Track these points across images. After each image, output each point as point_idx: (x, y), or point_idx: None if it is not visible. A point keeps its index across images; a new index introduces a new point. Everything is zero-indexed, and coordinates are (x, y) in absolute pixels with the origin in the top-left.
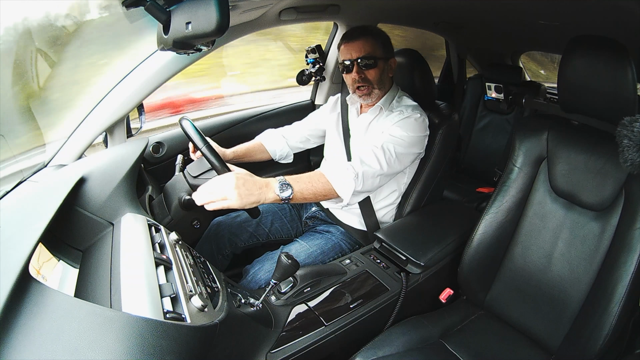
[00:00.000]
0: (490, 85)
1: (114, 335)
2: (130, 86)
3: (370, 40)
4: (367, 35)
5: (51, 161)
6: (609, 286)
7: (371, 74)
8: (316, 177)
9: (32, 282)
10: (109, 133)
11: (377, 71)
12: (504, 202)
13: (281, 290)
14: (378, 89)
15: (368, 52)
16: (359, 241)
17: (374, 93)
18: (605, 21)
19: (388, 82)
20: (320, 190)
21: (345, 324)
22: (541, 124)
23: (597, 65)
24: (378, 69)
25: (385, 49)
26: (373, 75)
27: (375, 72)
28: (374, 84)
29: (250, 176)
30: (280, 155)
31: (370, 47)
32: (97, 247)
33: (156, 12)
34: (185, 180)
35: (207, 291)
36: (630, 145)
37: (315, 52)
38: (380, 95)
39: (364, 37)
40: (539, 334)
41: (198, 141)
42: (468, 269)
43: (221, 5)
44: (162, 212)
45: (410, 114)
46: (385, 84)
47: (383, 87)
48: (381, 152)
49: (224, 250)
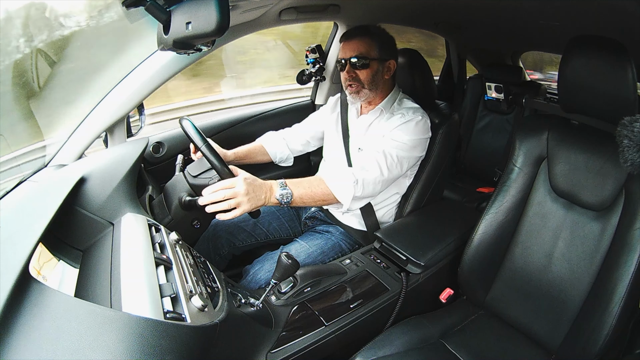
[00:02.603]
0: (490, 85)
1: (114, 335)
2: (130, 86)
3: (366, 41)
4: (364, 36)
5: (51, 161)
6: (609, 286)
7: (362, 74)
8: (316, 182)
9: (32, 282)
10: (109, 133)
11: (369, 72)
12: (504, 202)
13: (281, 290)
14: (369, 89)
15: (361, 53)
16: (359, 241)
17: (363, 92)
18: (605, 21)
19: (384, 83)
20: (320, 196)
21: (345, 324)
22: (541, 124)
23: (597, 65)
24: (370, 69)
25: (383, 51)
26: (364, 75)
27: (367, 73)
28: (364, 84)
29: (255, 180)
30: (281, 158)
31: (364, 48)
32: (97, 247)
33: (156, 12)
34: (185, 180)
35: (207, 291)
36: (631, 145)
37: (316, 52)
38: (374, 96)
39: (360, 37)
40: (539, 334)
41: (198, 141)
42: (468, 269)
43: (221, 5)
44: (162, 212)
45: (412, 117)
46: (378, 85)
47: (375, 88)
48: (382, 158)
49: (221, 251)
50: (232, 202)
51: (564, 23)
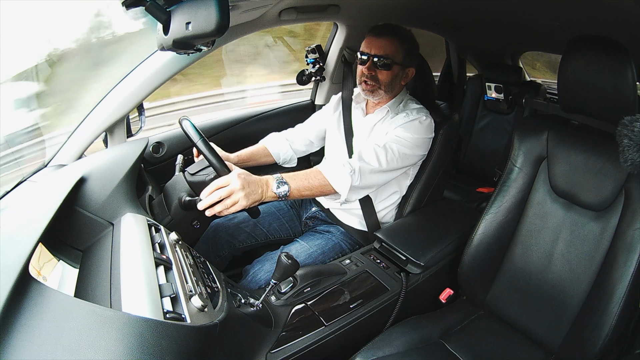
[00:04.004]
0: (490, 85)
1: (114, 335)
2: (130, 86)
3: (395, 42)
4: (394, 37)
5: (51, 161)
6: (609, 286)
7: (382, 75)
8: (313, 173)
9: (32, 282)
10: (109, 133)
11: (389, 74)
12: (504, 202)
13: (281, 290)
14: (384, 91)
15: (387, 53)
16: (359, 241)
17: (379, 93)
18: (605, 21)
19: (399, 88)
20: (317, 186)
21: (345, 324)
22: (541, 124)
23: (597, 65)
24: (392, 72)
25: (407, 57)
26: (384, 76)
27: (388, 75)
28: (381, 85)
29: (249, 175)
30: (284, 159)
31: (391, 49)
32: (97, 247)
33: (156, 12)
34: (185, 180)
35: (207, 291)
36: (631, 145)
37: (315, 52)
38: (385, 97)
39: (390, 36)
40: (539, 334)
41: (194, 136)
42: (468, 269)
43: (221, 5)
44: (162, 212)
45: (416, 116)
46: (394, 89)
47: (391, 91)
48: (382, 151)
49: (221, 252)
50: (229, 201)
51: (564, 23)
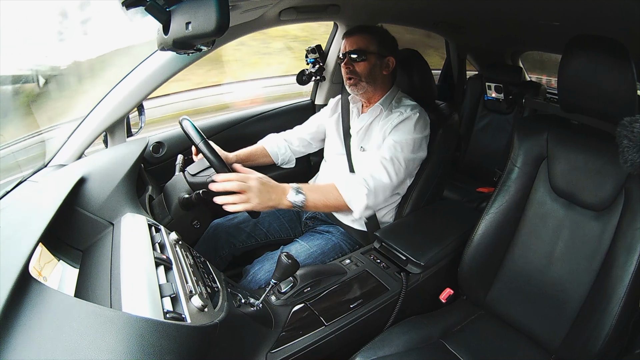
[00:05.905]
0: (490, 85)
1: (114, 335)
2: (130, 86)
3: (365, 37)
4: (364, 32)
5: (51, 161)
6: (609, 286)
7: (360, 67)
8: (329, 189)
9: (32, 282)
10: (109, 133)
11: (366, 65)
12: (504, 202)
13: (281, 290)
14: (366, 82)
15: (360, 47)
16: (359, 241)
17: (361, 85)
18: (605, 21)
19: (383, 79)
20: (333, 203)
21: (345, 324)
22: (541, 123)
23: (597, 65)
24: (368, 62)
25: (382, 47)
26: (362, 68)
27: (365, 66)
28: (361, 77)
29: (269, 180)
30: (283, 159)
31: (363, 43)
32: (97, 247)
33: (156, 12)
34: (185, 180)
35: (207, 291)
36: (630, 145)
37: (315, 52)
38: (370, 91)
39: (359, 33)
40: (539, 334)
41: (195, 138)
42: (468, 269)
43: (221, 5)
44: (162, 212)
45: (409, 114)
46: (377, 79)
47: (373, 82)
48: (390, 164)
49: (221, 252)
50: (243, 197)
51: (564, 23)
